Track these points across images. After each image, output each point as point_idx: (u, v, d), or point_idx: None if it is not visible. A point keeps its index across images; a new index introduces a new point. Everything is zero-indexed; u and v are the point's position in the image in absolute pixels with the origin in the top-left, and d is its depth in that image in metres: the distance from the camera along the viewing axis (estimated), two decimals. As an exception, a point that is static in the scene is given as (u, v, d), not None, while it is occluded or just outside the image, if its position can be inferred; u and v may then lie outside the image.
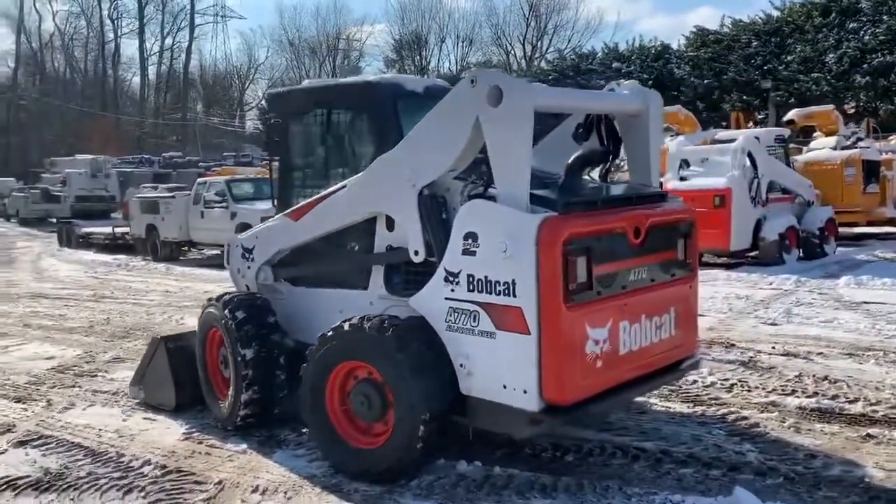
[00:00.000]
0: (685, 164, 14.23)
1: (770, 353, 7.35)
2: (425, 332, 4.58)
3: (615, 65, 37.88)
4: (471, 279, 4.36)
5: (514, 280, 4.16)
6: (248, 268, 5.98)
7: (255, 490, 4.68)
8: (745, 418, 5.57)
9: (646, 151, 5.15)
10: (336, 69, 63.23)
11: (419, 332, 4.58)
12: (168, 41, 67.87)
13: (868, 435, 5.19)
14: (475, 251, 4.34)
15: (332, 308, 5.32)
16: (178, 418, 6.08)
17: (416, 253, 4.73)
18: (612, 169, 5.32)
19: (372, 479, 4.65)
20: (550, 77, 40.05)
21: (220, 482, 4.82)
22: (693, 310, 5.13)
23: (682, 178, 13.92)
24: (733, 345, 7.74)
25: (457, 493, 4.50)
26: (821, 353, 7.31)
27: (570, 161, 4.73)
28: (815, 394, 6.07)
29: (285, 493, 4.63)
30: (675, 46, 38.85)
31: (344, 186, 5.18)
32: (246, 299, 5.69)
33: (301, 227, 5.51)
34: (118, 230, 23.10)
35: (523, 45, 57.43)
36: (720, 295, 10.69)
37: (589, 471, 4.74)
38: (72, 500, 4.71)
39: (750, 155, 13.28)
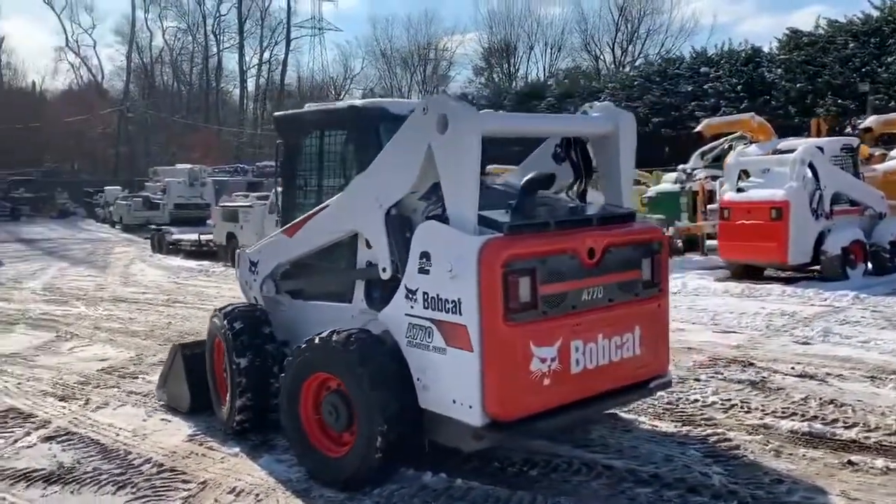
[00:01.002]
0: (745, 174, 13.85)
1: (786, 374, 7.16)
2: (389, 347, 4.80)
3: (703, 69, 36.93)
4: (426, 297, 4.55)
5: (459, 299, 4.34)
6: (254, 280, 6.34)
7: (231, 491, 5.00)
8: (728, 440, 5.51)
9: (616, 172, 5.19)
10: (425, 79, 64.25)
11: (382, 347, 4.80)
12: (266, 55, 70.74)
13: (849, 462, 5.05)
14: (429, 270, 4.53)
15: (323, 320, 5.57)
16: (190, 420, 6.50)
17: (384, 270, 4.96)
18: (586, 188, 5.39)
19: (339, 487, 4.88)
20: (636, 83, 39.50)
21: (204, 482, 5.17)
22: (663, 329, 5.12)
23: (739, 190, 13.56)
24: (752, 364, 7.57)
25: (413, 503, 4.68)
26: (840, 376, 7.07)
27: (522, 183, 4.84)
28: (815, 417, 5.92)
29: (257, 495, 4.93)
30: (766, 50, 37.52)
31: (328, 205, 5.45)
32: (244, 311, 6.05)
33: (294, 242, 5.82)
34: (203, 237, 24.29)
35: (612, 50, 56.64)
36: (765, 311, 10.40)
37: (548, 486, 4.83)
38: (72, 493, 5.16)
39: (811, 165, 12.81)
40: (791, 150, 13.32)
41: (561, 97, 41.70)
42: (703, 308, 10.74)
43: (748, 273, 13.81)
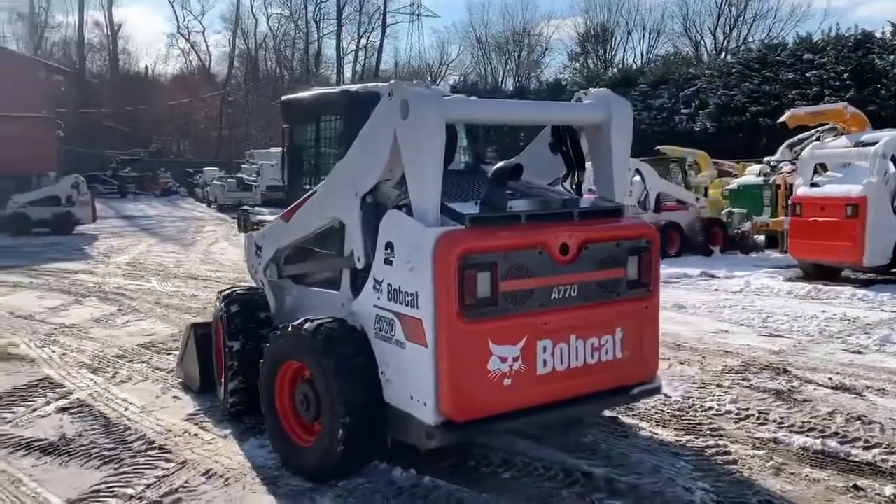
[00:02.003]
0: (821, 168, 12.97)
1: (819, 385, 6.63)
2: (358, 338, 4.69)
3: (806, 56, 34.91)
4: (390, 288, 4.42)
5: (416, 292, 4.18)
6: (259, 264, 6.35)
7: (205, 473, 5.02)
8: (727, 453, 5.12)
9: (608, 163, 4.88)
10: (519, 65, 63.58)
11: (351, 338, 4.69)
12: (363, 41, 71.56)
13: (855, 486, 4.60)
14: (392, 261, 4.39)
15: (318, 307, 5.54)
16: (198, 400, 6.60)
17: (359, 259, 4.85)
18: (580, 180, 5.10)
19: (306, 477, 4.83)
20: (734, 70, 37.79)
21: (183, 462, 5.22)
22: (650, 332, 4.79)
23: (813, 185, 12.72)
24: (786, 371, 7.05)
25: (374, 498, 4.56)
26: (881, 390, 6.49)
27: (490, 173, 4.61)
28: (834, 434, 5.44)
29: (226, 479, 4.93)
30: (878, 35, 35.04)
31: (315, 192, 5.38)
32: (242, 295, 6.08)
33: (290, 227, 5.78)
34: (283, 218, 24.87)
35: (714, 35, 54.42)
36: (824, 315, 9.70)
37: (516, 489, 4.62)
38: (60, 464, 5.30)
39: (895, 159, 11.86)
40: (874, 143, 12.37)
41: (654, 84, 40.36)
42: (759, 309, 10.13)
43: (823, 274, 12.95)
